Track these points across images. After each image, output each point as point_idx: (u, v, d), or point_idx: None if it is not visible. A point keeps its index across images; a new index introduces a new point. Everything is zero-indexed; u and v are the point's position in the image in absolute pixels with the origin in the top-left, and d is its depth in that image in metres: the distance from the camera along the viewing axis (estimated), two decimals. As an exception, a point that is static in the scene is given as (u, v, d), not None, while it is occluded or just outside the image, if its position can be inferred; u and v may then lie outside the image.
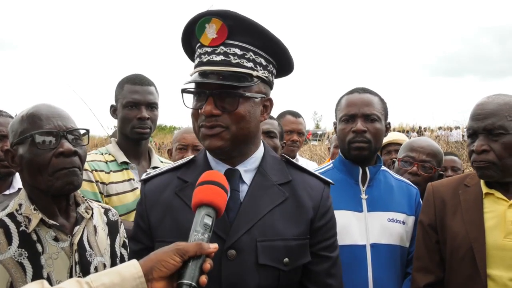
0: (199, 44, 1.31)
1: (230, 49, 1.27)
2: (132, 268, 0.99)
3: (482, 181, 1.72)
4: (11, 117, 2.13)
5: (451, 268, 1.71)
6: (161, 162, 2.41)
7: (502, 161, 1.61)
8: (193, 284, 0.98)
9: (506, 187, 1.66)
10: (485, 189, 1.69)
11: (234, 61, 1.26)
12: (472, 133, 1.68)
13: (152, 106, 2.26)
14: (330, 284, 1.38)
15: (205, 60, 1.28)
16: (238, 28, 1.27)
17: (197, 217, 1.07)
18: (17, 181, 2.17)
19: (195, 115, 1.31)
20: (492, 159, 1.61)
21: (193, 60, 1.43)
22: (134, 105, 2.21)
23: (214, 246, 1.03)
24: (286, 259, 1.29)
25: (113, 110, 2.32)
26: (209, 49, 1.28)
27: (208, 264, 1.02)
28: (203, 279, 1.00)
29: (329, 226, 1.40)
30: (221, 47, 1.27)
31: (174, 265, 0.99)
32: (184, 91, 1.32)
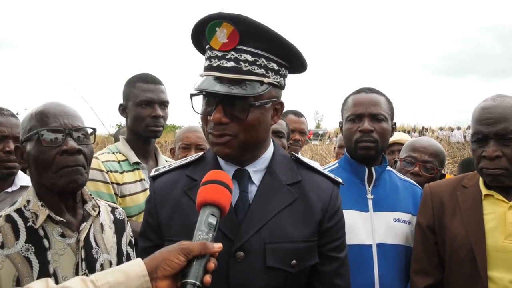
0: (208, 46, 1.27)
1: (241, 55, 1.23)
2: (137, 266, 0.99)
3: (481, 183, 1.70)
4: (13, 115, 2.12)
5: (450, 270, 1.69)
6: (166, 161, 2.40)
7: None
8: (197, 283, 0.98)
9: (506, 189, 1.64)
10: (484, 191, 1.67)
11: (245, 68, 1.22)
12: (482, 138, 1.63)
13: (165, 104, 2.28)
14: (338, 284, 1.37)
15: (215, 64, 1.25)
16: (250, 33, 1.22)
17: (202, 216, 1.07)
18: (19, 179, 2.16)
19: (205, 119, 1.30)
20: (505, 165, 1.58)
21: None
22: (148, 103, 2.21)
23: (218, 246, 1.03)
24: (293, 261, 1.28)
25: (123, 109, 2.30)
26: (219, 54, 1.24)
27: (212, 264, 1.02)
28: (207, 278, 1.00)
29: (338, 227, 1.39)
30: (232, 52, 1.23)
31: (179, 264, 0.99)
32: (193, 95, 1.30)
